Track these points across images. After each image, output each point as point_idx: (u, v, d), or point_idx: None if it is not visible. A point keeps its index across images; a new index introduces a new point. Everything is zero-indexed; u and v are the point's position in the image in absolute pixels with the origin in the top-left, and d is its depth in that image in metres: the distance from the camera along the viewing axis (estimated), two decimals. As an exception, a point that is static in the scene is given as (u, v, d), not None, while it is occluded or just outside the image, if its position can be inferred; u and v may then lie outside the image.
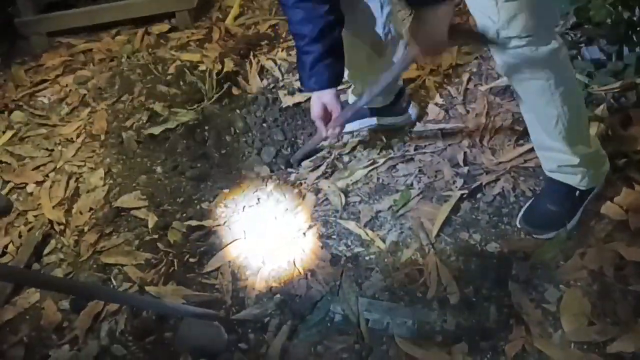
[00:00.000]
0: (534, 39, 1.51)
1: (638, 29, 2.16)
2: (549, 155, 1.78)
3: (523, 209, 1.89)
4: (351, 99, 2.25)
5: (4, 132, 2.53)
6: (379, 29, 1.95)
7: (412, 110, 2.25)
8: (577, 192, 1.80)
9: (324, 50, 1.71)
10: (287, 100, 2.44)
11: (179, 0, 2.92)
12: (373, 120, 2.24)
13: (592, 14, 2.14)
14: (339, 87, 1.85)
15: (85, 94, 2.66)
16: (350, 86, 2.32)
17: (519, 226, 1.86)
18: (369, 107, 2.19)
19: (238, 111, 2.42)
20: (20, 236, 2.11)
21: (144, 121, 2.44)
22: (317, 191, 2.08)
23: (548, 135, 1.70)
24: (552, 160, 1.78)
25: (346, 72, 2.09)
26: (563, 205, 1.81)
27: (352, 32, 1.91)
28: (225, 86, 2.51)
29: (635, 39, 2.18)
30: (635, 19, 2.15)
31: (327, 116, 1.85)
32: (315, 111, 1.83)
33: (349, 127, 2.23)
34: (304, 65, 1.75)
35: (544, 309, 1.66)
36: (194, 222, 2.02)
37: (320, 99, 1.80)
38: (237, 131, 2.34)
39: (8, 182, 2.31)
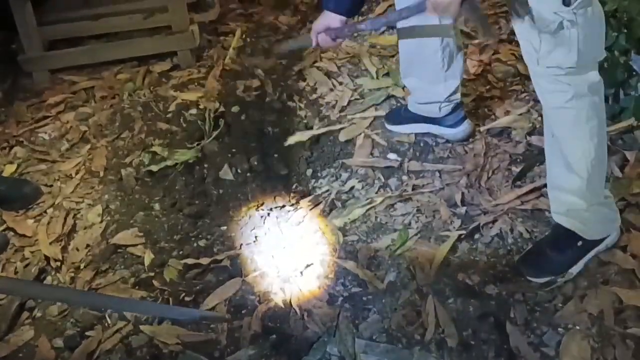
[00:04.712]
0: (574, 70, 1.56)
1: (634, 72, 2.19)
2: (559, 196, 1.78)
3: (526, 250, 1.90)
4: (411, 105, 2.34)
5: (4, 168, 2.53)
6: (436, 42, 2.06)
7: (466, 126, 2.29)
8: (580, 241, 1.79)
9: None
10: (290, 139, 2.45)
11: (181, 40, 2.96)
12: (425, 127, 2.32)
13: (588, 58, 2.17)
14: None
15: (85, 131, 2.67)
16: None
17: (515, 265, 1.86)
18: (423, 115, 2.30)
19: (237, 149, 2.43)
20: (16, 272, 2.10)
21: (144, 158, 2.44)
22: (315, 230, 2.07)
23: (568, 170, 1.70)
24: (561, 202, 1.78)
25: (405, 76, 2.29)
26: (562, 252, 1.80)
27: (410, 41, 2.07)
28: (224, 124, 2.53)
29: (631, 82, 2.20)
30: (630, 63, 2.18)
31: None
32: (318, 26, 1.82)
33: (402, 129, 2.38)
34: None
35: (543, 352, 1.64)
36: (190, 260, 2.01)
37: (328, 19, 1.80)
38: (237, 169, 2.34)
39: (6, 217, 2.31)
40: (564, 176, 1.72)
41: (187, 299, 1.91)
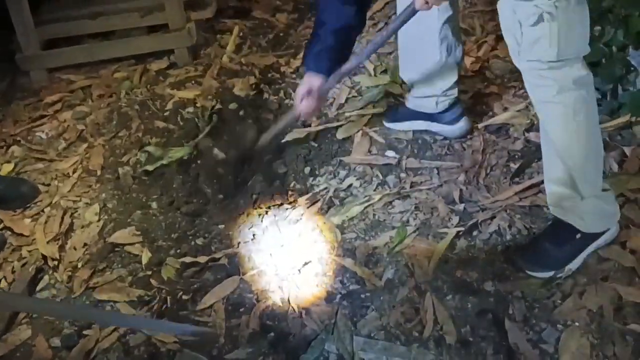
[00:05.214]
0: (556, 64, 1.56)
1: (632, 68, 2.18)
2: (555, 188, 1.77)
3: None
4: (409, 101, 2.35)
5: (1, 167, 2.53)
6: (434, 34, 2.07)
7: (463, 123, 2.29)
8: (579, 234, 1.78)
9: (335, 45, 1.84)
10: (287, 137, 2.44)
11: (178, 38, 2.95)
12: (423, 124, 2.32)
13: (586, 54, 2.17)
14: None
15: (83, 130, 2.67)
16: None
17: (513, 259, 1.85)
18: (421, 111, 2.31)
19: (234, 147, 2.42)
20: (13, 271, 2.09)
21: (141, 157, 2.44)
22: (313, 228, 2.07)
23: (561, 163, 1.70)
24: (557, 195, 1.77)
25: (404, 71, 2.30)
26: (561, 246, 1.79)
27: (409, 34, 2.08)
28: (221, 122, 2.53)
29: (629, 78, 2.20)
30: (628, 58, 2.18)
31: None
32: (301, 90, 1.92)
33: (400, 126, 2.38)
34: (311, 48, 1.89)
35: (542, 349, 1.64)
36: (188, 259, 2.01)
37: (310, 81, 1.89)
38: (234, 167, 2.34)
39: (3, 216, 2.30)
40: (558, 169, 1.72)
41: (184, 297, 1.90)
